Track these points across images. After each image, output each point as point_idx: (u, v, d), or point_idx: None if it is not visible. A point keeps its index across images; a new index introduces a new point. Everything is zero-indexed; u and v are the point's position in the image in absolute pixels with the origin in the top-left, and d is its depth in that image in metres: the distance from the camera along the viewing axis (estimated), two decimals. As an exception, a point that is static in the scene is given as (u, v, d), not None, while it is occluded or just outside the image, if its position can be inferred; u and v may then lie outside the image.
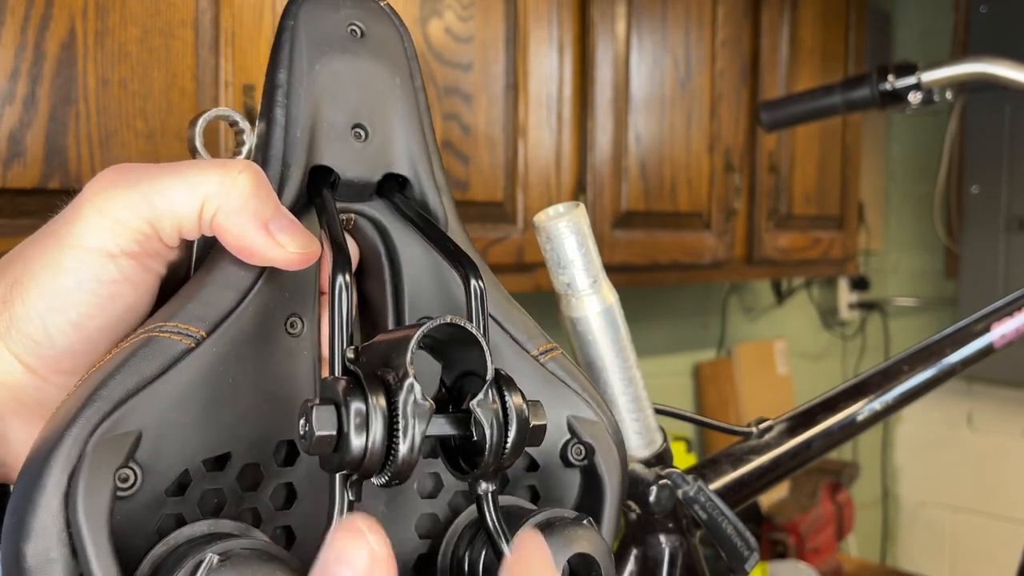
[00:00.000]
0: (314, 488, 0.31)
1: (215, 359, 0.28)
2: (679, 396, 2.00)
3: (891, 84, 0.87)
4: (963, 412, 2.39)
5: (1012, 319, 0.67)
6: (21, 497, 0.25)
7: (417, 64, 0.35)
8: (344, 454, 0.26)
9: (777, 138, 1.61)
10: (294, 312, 0.31)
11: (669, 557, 0.52)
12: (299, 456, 0.31)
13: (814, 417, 0.61)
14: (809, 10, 1.69)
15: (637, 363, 0.49)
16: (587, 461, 0.34)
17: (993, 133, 2.12)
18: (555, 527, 0.31)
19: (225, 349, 0.29)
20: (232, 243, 0.29)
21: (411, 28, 1.04)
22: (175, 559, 0.26)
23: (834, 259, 1.83)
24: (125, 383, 0.26)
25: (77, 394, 0.26)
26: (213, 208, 0.29)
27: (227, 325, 0.29)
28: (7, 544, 0.25)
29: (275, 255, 0.29)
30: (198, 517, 0.28)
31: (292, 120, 0.32)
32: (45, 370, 0.29)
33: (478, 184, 1.12)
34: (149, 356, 0.27)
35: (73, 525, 0.24)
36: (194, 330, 0.28)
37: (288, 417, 0.31)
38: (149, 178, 0.29)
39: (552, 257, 0.46)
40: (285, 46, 0.32)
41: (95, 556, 0.24)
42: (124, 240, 0.28)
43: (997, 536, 2.32)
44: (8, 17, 0.72)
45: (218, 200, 0.29)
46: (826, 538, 1.93)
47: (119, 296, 0.29)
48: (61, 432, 0.25)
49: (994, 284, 2.12)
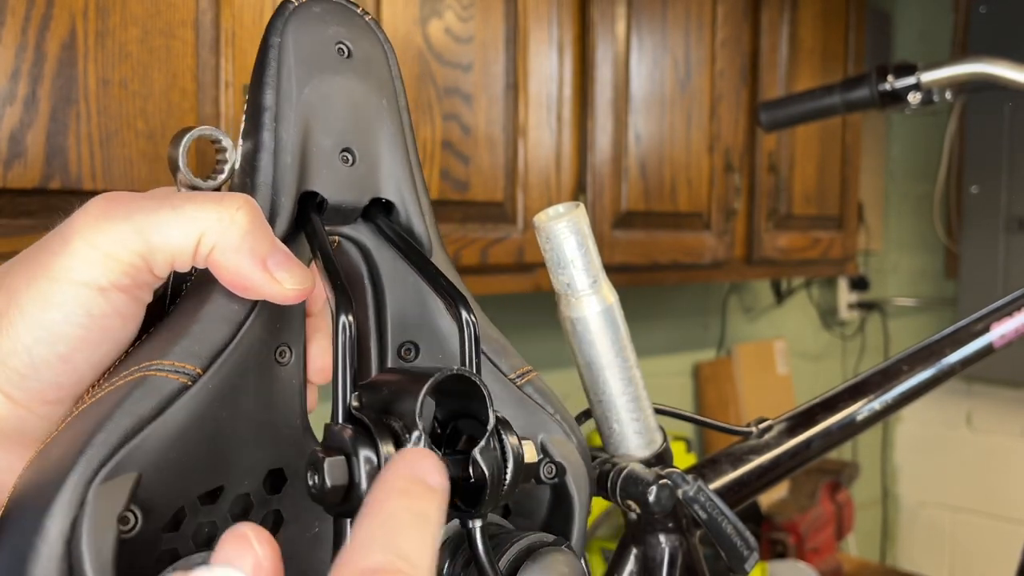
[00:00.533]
0: (298, 513, 0.32)
1: (210, 396, 0.28)
2: (679, 396, 2.00)
3: (890, 84, 0.87)
4: (963, 412, 2.39)
5: (1011, 319, 0.67)
6: (19, 542, 0.25)
7: (401, 83, 0.35)
8: (354, 502, 0.27)
9: (777, 138, 1.62)
10: (284, 342, 0.31)
11: (669, 557, 0.52)
12: (286, 483, 0.31)
13: (814, 417, 0.61)
14: (809, 10, 1.70)
15: (637, 363, 0.49)
16: (558, 480, 0.35)
17: (993, 133, 2.12)
18: (537, 554, 0.32)
19: (220, 385, 0.29)
20: (228, 279, 0.29)
21: (411, 28, 1.04)
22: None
23: (834, 259, 1.83)
24: (123, 425, 0.26)
25: (72, 436, 0.26)
26: (210, 244, 0.28)
27: (221, 361, 0.29)
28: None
29: (273, 291, 0.29)
30: (192, 550, 0.28)
31: (281, 145, 0.31)
32: (29, 401, 0.28)
33: (478, 184, 1.12)
34: (145, 396, 0.27)
35: (77, 571, 0.24)
36: (190, 367, 0.28)
37: (277, 446, 0.31)
38: (142, 211, 0.28)
39: (552, 257, 0.46)
40: (272, 65, 0.32)
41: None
42: (115, 274, 0.28)
43: (997, 536, 2.32)
44: (8, 17, 0.72)
45: (215, 237, 0.28)
46: (826, 538, 1.93)
47: (108, 329, 0.29)
48: (62, 478, 0.25)
49: (994, 284, 2.12)
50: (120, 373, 0.28)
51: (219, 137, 0.32)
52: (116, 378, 0.28)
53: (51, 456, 0.26)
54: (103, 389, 0.28)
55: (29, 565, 0.24)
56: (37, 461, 0.27)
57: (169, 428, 0.27)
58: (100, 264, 0.28)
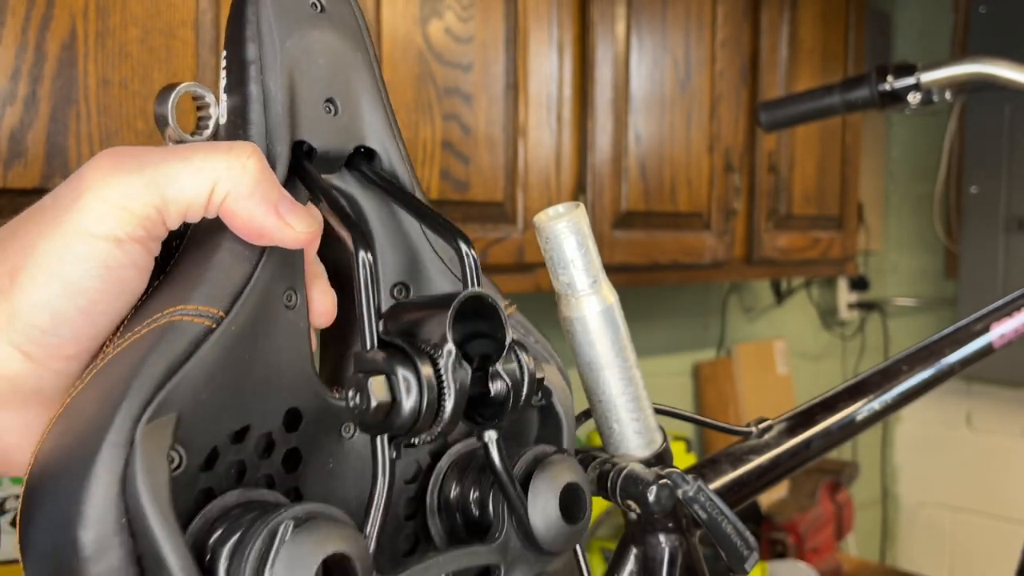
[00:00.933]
0: (313, 450, 0.33)
1: (233, 338, 0.29)
2: (679, 396, 2.00)
3: (890, 84, 0.87)
4: (962, 412, 2.39)
5: (1011, 319, 0.67)
6: (68, 487, 0.25)
7: (370, 36, 0.37)
8: (394, 419, 0.29)
9: (777, 138, 1.62)
10: (290, 286, 0.33)
11: (669, 557, 0.52)
12: (302, 422, 0.33)
13: (813, 417, 0.61)
14: (809, 10, 1.70)
15: (637, 363, 0.49)
16: (545, 402, 0.38)
17: (993, 133, 2.12)
18: (545, 463, 0.36)
19: (240, 327, 0.30)
20: (242, 226, 0.30)
21: (411, 28, 1.04)
22: (225, 532, 0.27)
23: (833, 259, 1.83)
24: (158, 369, 0.27)
25: (109, 382, 0.27)
26: (223, 193, 0.29)
27: (240, 304, 0.30)
28: (50, 535, 0.25)
29: (285, 236, 0.30)
30: (225, 488, 0.29)
31: (271, 96, 0.32)
32: (46, 358, 0.29)
33: (478, 184, 1.12)
34: (175, 340, 0.28)
35: (133, 510, 0.25)
36: (212, 311, 0.29)
37: (291, 387, 0.32)
38: (153, 164, 0.29)
39: (552, 257, 0.46)
40: (251, 20, 0.33)
41: (167, 538, 0.25)
42: (131, 227, 0.28)
43: (996, 536, 2.32)
44: (9, 18, 0.72)
45: (228, 185, 0.29)
46: (825, 538, 1.93)
47: (125, 280, 0.29)
48: (107, 422, 0.25)
49: (993, 284, 2.12)
50: (142, 322, 0.29)
51: (203, 93, 0.33)
52: (139, 327, 0.28)
53: (88, 404, 0.27)
54: (127, 339, 0.28)
55: (83, 506, 0.25)
56: (71, 411, 0.27)
57: (199, 370, 0.28)
58: (116, 217, 0.28)
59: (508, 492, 0.34)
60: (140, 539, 0.25)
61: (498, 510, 0.35)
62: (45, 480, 0.26)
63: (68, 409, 0.27)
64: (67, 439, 0.26)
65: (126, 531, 0.25)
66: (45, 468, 0.26)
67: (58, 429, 0.27)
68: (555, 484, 0.35)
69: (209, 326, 0.28)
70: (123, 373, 0.27)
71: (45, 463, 0.26)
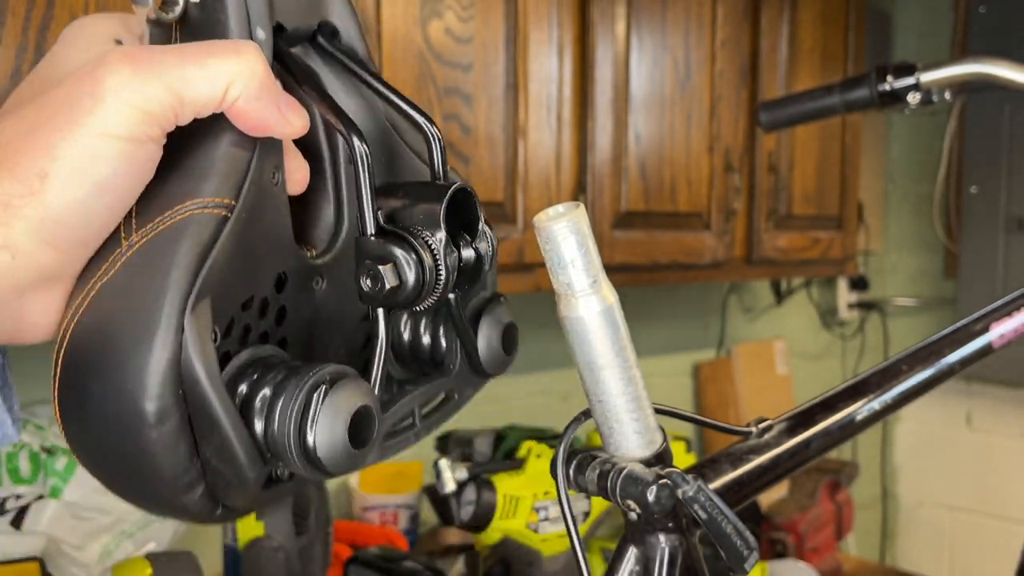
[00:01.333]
0: (295, 304, 0.38)
1: (241, 223, 0.33)
2: (679, 396, 2.00)
3: (890, 84, 0.87)
4: (962, 412, 2.40)
5: (1011, 319, 0.67)
6: (129, 364, 0.30)
7: None
8: (398, 296, 0.36)
9: (777, 138, 1.62)
10: (276, 165, 0.36)
11: (669, 557, 0.52)
12: (287, 282, 0.37)
13: (813, 417, 0.61)
14: (809, 10, 1.70)
15: (637, 363, 0.49)
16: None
17: (992, 133, 2.12)
18: (488, 307, 0.44)
19: (246, 212, 0.33)
20: (248, 124, 0.33)
21: (411, 28, 1.04)
22: (250, 390, 0.33)
23: (833, 259, 1.83)
24: (192, 259, 0.31)
25: (148, 273, 0.31)
26: (235, 96, 0.32)
27: (244, 191, 0.33)
28: (112, 404, 0.30)
29: (284, 130, 0.34)
30: (236, 351, 0.34)
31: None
32: (71, 248, 0.32)
33: (478, 184, 1.12)
34: (201, 233, 0.31)
35: (188, 382, 0.30)
36: (225, 201, 0.32)
37: (279, 254, 0.36)
38: (170, 68, 0.31)
39: (552, 257, 0.46)
40: None
41: (220, 403, 0.31)
42: (152, 128, 0.31)
43: (996, 536, 2.32)
44: (9, 18, 0.72)
45: (239, 88, 0.32)
46: (825, 537, 1.93)
47: (146, 175, 0.32)
48: (160, 307, 0.30)
49: (993, 284, 2.12)
50: (161, 212, 0.32)
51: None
52: (158, 217, 0.32)
53: (134, 291, 0.31)
54: (152, 230, 0.32)
55: (147, 382, 0.29)
56: (111, 295, 0.31)
57: (221, 256, 0.32)
58: (139, 120, 0.31)
59: (465, 332, 0.42)
60: (193, 405, 0.30)
61: (451, 347, 0.43)
62: (99, 358, 0.30)
63: (105, 293, 0.31)
64: (118, 322, 0.30)
65: (182, 400, 0.30)
66: (96, 347, 0.30)
67: (100, 310, 0.31)
68: (499, 323, 0.44)
69: (224, 215, 0.32)
70: (163, 265, 0.31)
71: (93, 342, 0.30)
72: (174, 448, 0.30)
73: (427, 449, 1.48)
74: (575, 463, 0.52)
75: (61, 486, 0.97)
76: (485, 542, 1.07)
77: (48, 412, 1.04)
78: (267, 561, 0.97)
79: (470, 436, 1.19)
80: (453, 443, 1.19)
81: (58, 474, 0.97)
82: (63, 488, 0.97)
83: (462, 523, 1.02)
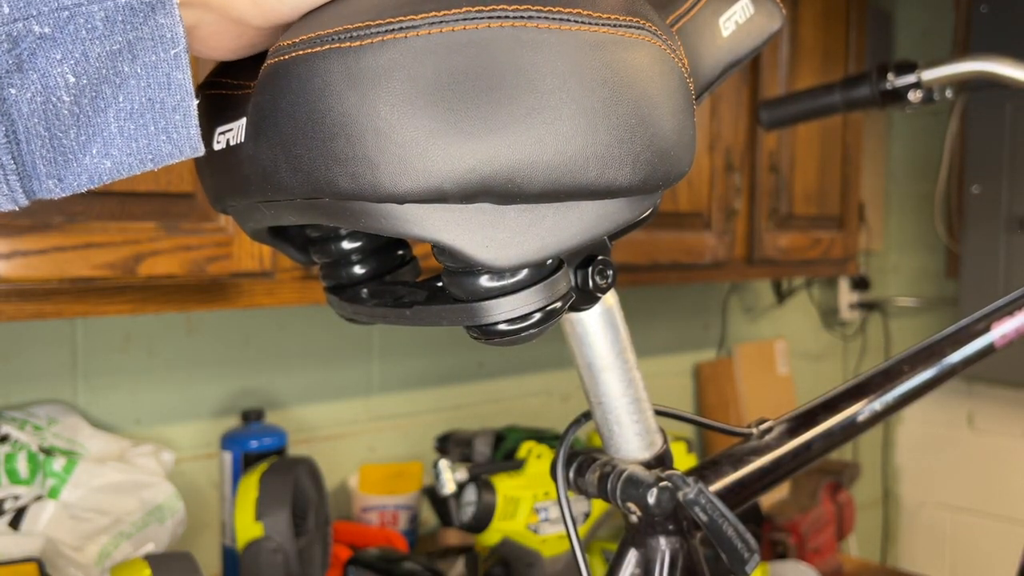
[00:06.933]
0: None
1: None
2: (679, 396, 2.00)
3: (891, 83, 0.87)
4: (964, 412, 2.39)
5: (1012, 319, 0.67)
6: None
7: None
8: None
9: (777, 138, 1.61)
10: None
11: (669, 559, 0.52)
12: None
13: (815, 418, 0.61)
14: (809, 10, 1.69)
15: (637, 365, 0.49)
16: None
17: (994, 133, 2.12)
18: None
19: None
20: None
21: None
22: None
23: (834, 259, 1.83)
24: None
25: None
26: None
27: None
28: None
29: None
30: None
31: None
32: (262, 16, 0.36)
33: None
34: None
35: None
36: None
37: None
38: None
39: (551, 258, 0.46)
40: None
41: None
42: None
43: (997, 536, 2.32)
44: None
45: None
46: (827, 538, 1.93)
47: None
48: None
49: (994, 284, 2.12)
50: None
51: None
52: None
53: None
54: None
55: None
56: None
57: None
58: None
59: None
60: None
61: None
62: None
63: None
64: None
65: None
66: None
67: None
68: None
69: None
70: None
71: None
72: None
73: (427, 450, 1.48)
74: (575, 465, 0.52)
75: (59, 487, 0.97)
76: (485, 543, 1.06)
77: (48, 412, 1.04)
78: (266, 562, 0.96)
79: (470, 437, 1.19)
80: (453, 444, 1.19)
81: (56, 475, 0.97)
82: (61, 489, 0.97)
83: (462, 524, 1.02)
